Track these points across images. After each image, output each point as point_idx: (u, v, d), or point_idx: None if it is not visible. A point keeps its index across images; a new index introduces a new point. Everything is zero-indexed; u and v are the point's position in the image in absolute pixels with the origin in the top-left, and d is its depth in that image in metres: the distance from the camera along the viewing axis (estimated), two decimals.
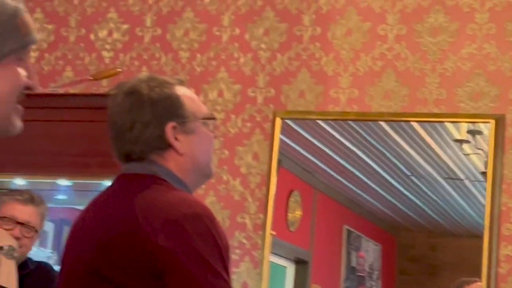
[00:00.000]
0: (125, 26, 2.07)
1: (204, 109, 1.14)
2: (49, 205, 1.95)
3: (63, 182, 2.00)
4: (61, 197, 2.07)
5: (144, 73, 1.91)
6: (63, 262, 1.10)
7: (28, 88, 0.68)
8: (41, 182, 2.02)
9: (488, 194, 1.81)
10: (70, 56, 2.03)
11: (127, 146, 1.05)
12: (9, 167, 1.93)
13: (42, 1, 2.09)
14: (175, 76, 1.84)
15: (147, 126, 1.03)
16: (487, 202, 1.80)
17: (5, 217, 1.78)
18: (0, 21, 0.65)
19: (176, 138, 1.03)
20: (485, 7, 2.00)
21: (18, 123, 0.70)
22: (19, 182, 2.01)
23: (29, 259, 1.86)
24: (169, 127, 1.01)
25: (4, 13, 0.66)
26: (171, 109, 1.05)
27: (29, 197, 1.80)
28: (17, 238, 1.76)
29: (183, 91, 1.09)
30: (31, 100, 0.89)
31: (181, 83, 1.12)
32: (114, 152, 1.08)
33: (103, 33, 2.07)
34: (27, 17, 0.69)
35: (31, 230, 1.78)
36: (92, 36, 2.08)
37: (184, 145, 1.05)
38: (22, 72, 0.67)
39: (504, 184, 1.87)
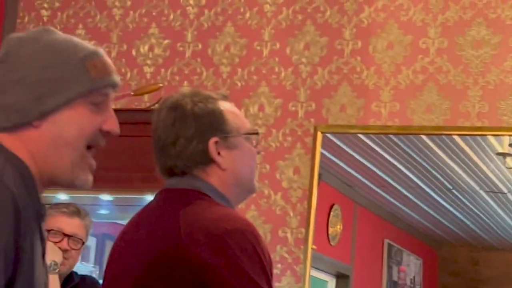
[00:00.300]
0: (166, 41, 2.09)
1: (247, 124, 1.14)
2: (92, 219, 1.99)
3: (106, 197, 2.03)
4: (103, 211, 2.10)
5: (188, 88, 1.92)
6: (106, 276, 1.13)
7: (105, 134, 0.67)
8: (84, 197, 2.05)
9: None
10: None
11: (170, 160, 1.05)
12: None
13: (84, 18, 2.11)
14: (217, 91, 1.85)
15: (190, 141, 1.03)
16: None
17: (52, 230, 1.81)
18: (69, 65, 0.65)
19: (219, 153, 1.03)
20: None
21: (83, 176, 0.67)
22: (62, 197, 2.04)
23: (74, 272, 1.90)
24: (212, 142, 1.01)
25: (74, 57, 0.66)
26: (214, 124, 1.05)
27: (75, 210, 1.85)
28: (64, 250, 1.81)
29: (226, 106, 1.09)
30: None
31: (225, 98, 1.12)
32: (157, 167, 1.08)
33: (144, 49, 2.09)
34: (101, 60, 0.68)
35: (78, 242, 1.82)
36: (133, 52, 2.10)
37: (226, 160, 1.05)
38: (93, 117, 0.66)
39: None
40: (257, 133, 1.20)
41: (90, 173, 0.70)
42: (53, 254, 1.76)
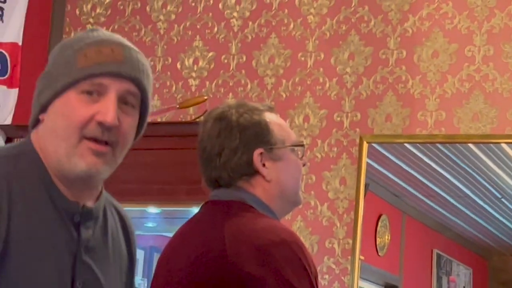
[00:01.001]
0: (210, 54, 2.11)
1: (293, 136, 1.14)
2: (139, 232, 2.00)
3: (152, 209, 2.04)
4: (150, 224, 2.11)
5: (233, 100, 1.93)
6: (156, 279, 1.10)
7: (99, 123, 0.63)
8: (131, 210, 2.07)
9: None
10: (157, 85, 2.07)
11: (215, 172, 1.05)
12: None
13: (129, 32, 2.16)
14: (263, 102, 1.86)
15: (235, 152, 1.03)
16: None
17: None
18: (63, 58, 0.66)
19: (263, 165, 1.03)
20: None
21: (82, 163, 0.64)
22: None
23: None
24: (257, 153, 1.02)
25: (69, 50, 0.66)
26: (259, 135, 1.05)
27: None
28: None
29: (271, 118, 1.09)
30: None
31: (270, 109, 1.12)
32: (203, 178, 1.08)
33: (189, 62, 2.12)
34: (96, 49, 0.65)
35: None
36: (178, 65, 2.13)
37: (271, 172, 1.05)
38: (85, 106, 0.64)
39: None
40: (302, 145, 1.19)
41: (93, 156, 0.65)
42: None
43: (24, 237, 0.65)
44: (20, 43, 2.20)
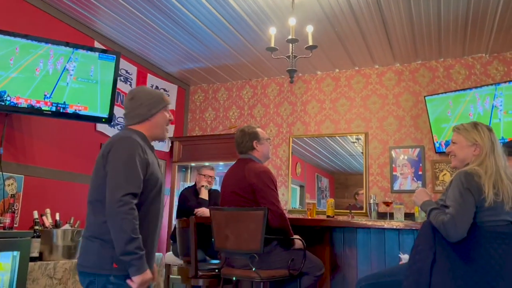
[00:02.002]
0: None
1: (266, 135, 2.99)
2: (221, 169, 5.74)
3: (221, 162, 5.79)
4: (221, 168, 5.87)
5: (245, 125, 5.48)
6: (221, 190, 2.94)
7: (169, 120, 2.10)
8: (217, 164, 5.83)
9: None
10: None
11: (240, 148, 2.94)
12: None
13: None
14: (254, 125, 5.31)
15: (247, 142, 2.91)
16: None
17: (206, 174, 5.46)
18: (157, 98, 2.07)
19: (257, 146, 2.91)
20: None
21: (166, 136, 2.11)
22: (207, 163, 5.86)
23: (211, 189, 4.64)
24: (255, 142, 2.89)
25: (158, 94, 2.09)
26: (255, 136, 2.94)
27: (212, 167, 5.53)
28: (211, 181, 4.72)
29: (259, 130, 2.96)
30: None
31: (259, 127, 3.00)
32: (237, 151, 2.97)
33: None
34: (165, 97, 2.10)
35: (213, 179, 5.25)
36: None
37: (260, 148, 2.94)
38: (167, 115, 2.09)
39: None
40: (269, 138, 3.00)
41: (167, 133, 2.13)
42: (206, 184, 5.32)
43: (151, 165, 1.92)
44: (174, 109, 6.16)
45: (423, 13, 3.99)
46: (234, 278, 2.73)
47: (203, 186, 4.35)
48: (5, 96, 3.35)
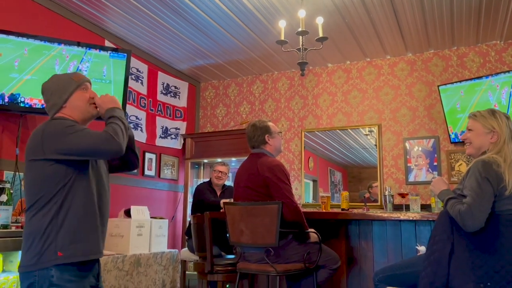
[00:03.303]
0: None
1: (277, 129, 3.02)
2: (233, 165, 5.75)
3: (234, 158, 5.79)
4: (233, 164, 5.88)
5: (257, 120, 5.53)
6: (235, 185, 2.96)
7: (91, 98, 1.94)
8: (229, 160, 5.85)
9: None
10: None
11: (252, 143, 2.93)
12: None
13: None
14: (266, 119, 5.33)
15: (259, 136, 2.90)
16: None
17: (218, 170, 5.49)
18: (64, 80, 1.94)
19: (269, 140, 2.93)
20: None
21: (94, 112, 1.95)
22: (219, 159, 5.88)
23: (225, 184, 4.97)
24: (267, 136, 2.90)
25: (67, 77, 1.96)
26: (267, 129, 2.96)
27: (224, 163, 5.53)
28: (223, 178, 5.08)
29: (271, 124, 3.00)
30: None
31: (270, 121, 3.05)
32: (249, 145, 2.97)
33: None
34: (77, 74, 1.97)
35: (225, 174, 5.21)
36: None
37: (272, 142, 2.95)
38: (85, 94, 1.94)
39: None
40: (280, 132, 3.01)
41: (95, 110, 1.95)
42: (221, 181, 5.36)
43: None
44: (186, 106, 6.18)
45: (435, 0, 3.92)
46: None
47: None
48: (19, 98, 3.38)
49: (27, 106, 3.41)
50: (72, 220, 1.72)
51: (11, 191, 2.92)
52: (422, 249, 2.62)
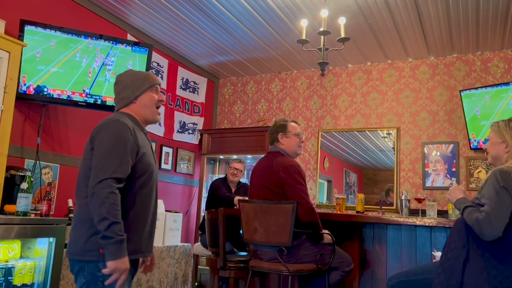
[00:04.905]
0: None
1: (297, 129, 2.92)
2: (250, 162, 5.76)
3: (249, 155, 5.80)
4: (248, 161, 5.89)
5: (281, 117, 5.54)
6: (250, 183, 2.90)
7: (160, 101, 1.98)
8: (245, 157, 5.85)
9: None
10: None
11: (269, 138, 2.94)
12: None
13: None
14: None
15: (273, 133, 2.91)
16: None
17: (233, 167, 5.52)
18: (140, 77, 1.96)
19: (281, 138, 2.88)
20: None
21: (157, 118, 1.98)
22: (234, 156, 5.89)
23: (240, 182, 4.97)
24: (280, 134, 2.88)
25: (142, 75, 1.98)
26: (282, 128, 2.91)
27: (240, 160, 5.53)
28: (238, 175, 5.29)
29: (291, 124, 2.92)
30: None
31: (294, 122, 2.97)
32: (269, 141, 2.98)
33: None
34: (151, 75, 1.98)
35: (241, 172, 5.31)
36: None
37: (286, 141, 2.90)
38: (155, 96, 1.97)
39: None
40: (298, 134, 2.89)
41: (158, 116, 1.99)
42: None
43: (142, 151, 1.80)
44: (204, 102, 6.21)
45: (461, 4, 3.85)
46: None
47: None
48: (45, 90, 3.45)
49: (49, 96, 3.48)
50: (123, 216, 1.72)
51: (32, 179, 2.98)
52: (438, 255, 2.59)
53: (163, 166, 5.24)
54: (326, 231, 2.75)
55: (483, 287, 1.90)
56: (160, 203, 4.30)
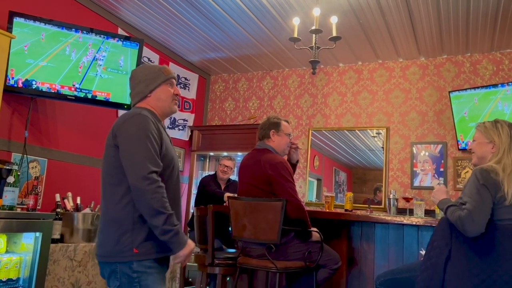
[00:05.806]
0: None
1: (289, 129, 2.94)
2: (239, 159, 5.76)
3: (239, 152, 5.80)
4: (239, 158, 5.88)
5: (274, 115, 5.57)
6: (239, 180, 2.92)
7: (175, 95, 1.95)
8: (235, 154, 5.85)
9: None
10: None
11: (260, 133, 2.92)
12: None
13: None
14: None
15: (266, 129, 2.90)
16: None
17: (223, 164, 5.54)
18: (154, 71, 1.94)
19: (273, 135, 2.88)
20: None
21: (174, 110, 1.95)
22: (225, 153, 5.88)
23: (230, 179, 5.13)
24: (272, 131, 2.88)
25: (156, 69, 1.95)
26: (275, 126, 2.90)
27: (230, 157, 5.52)
28: (228, 171, 5.19)
29: (284, 123, 2.92)
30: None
31: (286, 121, 2.97)
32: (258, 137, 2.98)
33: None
34: (166, 69, 1.95)
35: (231, 169, 5.31)
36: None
37: (277, 139, 2.91)
38: (170, 89, 1.94)
39: None
40: (289, 134, 2.92)
41: (176, 107, 1.96)
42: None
43: (165, 142, 1.80)
44: (195, 98, 6.19)
45: (451, 6, 3.89)
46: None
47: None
48: (33, 84, 3.40)
49: (38, 89, 3.44)
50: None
51: (19, 173, 2.94)
52: None
53: None
54: (315, 229, 2.76)
55: (465, 284, 1.93)
56: None
